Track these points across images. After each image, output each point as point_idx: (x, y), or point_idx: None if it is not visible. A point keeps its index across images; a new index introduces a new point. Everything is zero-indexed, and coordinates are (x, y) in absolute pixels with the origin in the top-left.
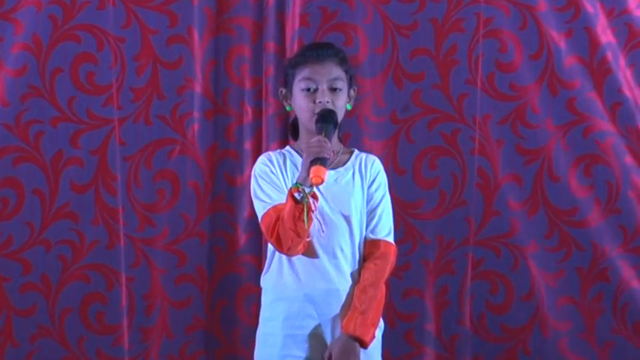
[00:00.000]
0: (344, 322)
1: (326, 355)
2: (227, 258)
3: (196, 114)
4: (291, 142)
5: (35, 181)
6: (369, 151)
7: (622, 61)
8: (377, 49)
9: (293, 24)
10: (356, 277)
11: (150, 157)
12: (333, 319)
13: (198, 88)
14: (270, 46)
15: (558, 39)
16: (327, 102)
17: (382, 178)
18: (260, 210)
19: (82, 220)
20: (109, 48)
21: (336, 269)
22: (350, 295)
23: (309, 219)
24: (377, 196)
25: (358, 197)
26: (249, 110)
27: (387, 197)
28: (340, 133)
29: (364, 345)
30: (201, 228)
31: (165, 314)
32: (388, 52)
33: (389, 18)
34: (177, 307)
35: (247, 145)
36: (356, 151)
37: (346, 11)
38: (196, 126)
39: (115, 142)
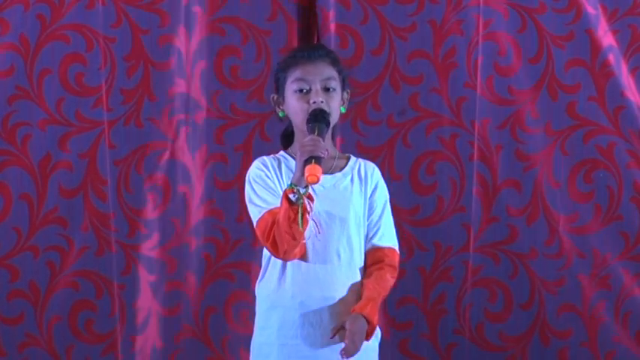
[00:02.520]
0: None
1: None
2: (217, 264)
3: (187, 116)
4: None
5: (22, 186)
6: (364, 156)
7: (624, 64)
8: (374, 51)
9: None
10: (356, 287)
11: (140, 160)
12: (330, 330)
13: (188, 90)
14: (265, 46)
15: (559, 42)
16: (322, 102)
17: (383, 186)
18: (255, 215)
19: (71, 226)
20: (99, 48)
21: (333, 277)
22: (349, 304)
23: (305, 221)
24: (379, 205)
25: (357, 203)
26: (240, 113)
27: (388, 204)
28: (335, 136)
29: (369, 331)
30: (190, 233)
31: (155, 322)
32: (385, 54)
33: (386, 19)
34: (166, 314)
35: (238, 149)
36: (353, 157)
37: (342, 12)
38: (187, 129)
39: (105, 145)
